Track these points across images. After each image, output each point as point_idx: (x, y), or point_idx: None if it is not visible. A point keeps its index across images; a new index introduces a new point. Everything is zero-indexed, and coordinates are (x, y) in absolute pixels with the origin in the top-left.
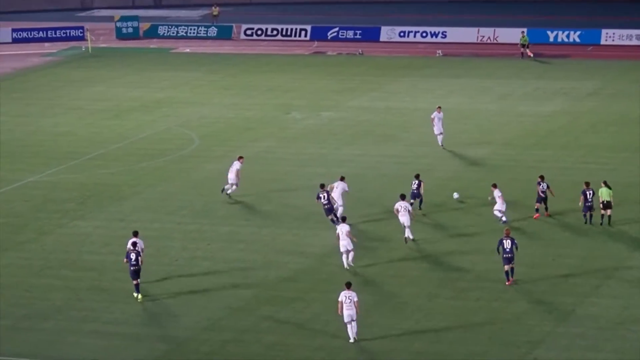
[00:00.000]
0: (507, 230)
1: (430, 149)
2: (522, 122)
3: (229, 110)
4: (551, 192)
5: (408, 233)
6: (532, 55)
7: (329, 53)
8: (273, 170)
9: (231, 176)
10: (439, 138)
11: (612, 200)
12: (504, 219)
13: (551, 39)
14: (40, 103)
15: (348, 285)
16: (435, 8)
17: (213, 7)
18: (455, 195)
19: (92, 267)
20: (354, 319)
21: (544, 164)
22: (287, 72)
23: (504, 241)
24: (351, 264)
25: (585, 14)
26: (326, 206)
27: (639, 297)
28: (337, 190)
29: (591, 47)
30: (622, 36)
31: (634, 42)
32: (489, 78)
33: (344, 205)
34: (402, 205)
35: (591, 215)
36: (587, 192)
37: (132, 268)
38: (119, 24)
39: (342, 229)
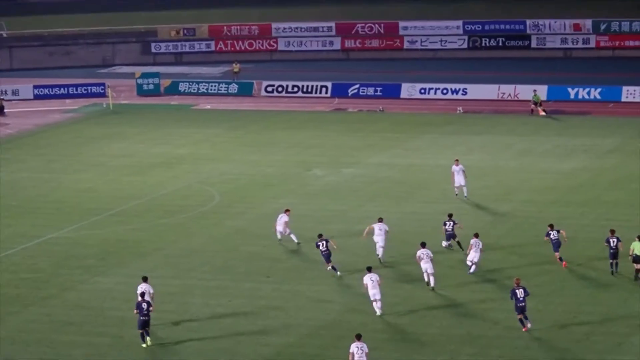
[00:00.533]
0: (517, 279)
1: (451, 205)
2: (543, 178)
3: (250, 167)
4: (564, 237)
5: (432, 281)
6: (544, 113)
7: (350, 110)
8: (294, 226)
9: (279, 229)
10: (456, 189)
11: None
12: (472, 269)
13: (572, 96)
14: (62, 159)
15: (358, 337)
16: (455, 65)
17: (234, 64)
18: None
19: (113, 323)
20: None
21: (565, 220)
22: (308, 128)
23: (517, 291)
24: (379, 311)
25: (606, 71)
26: (324, 253)
27: None
28: (381, 231)
29: (612, 104)
30: None
31: None
32: (509, 135)
33: (384, 247)
34: (424, 253)
35: (616, 264)
36: (611, 240)
37: (142, 318)
38: (140, 81)
39: (372, 277)
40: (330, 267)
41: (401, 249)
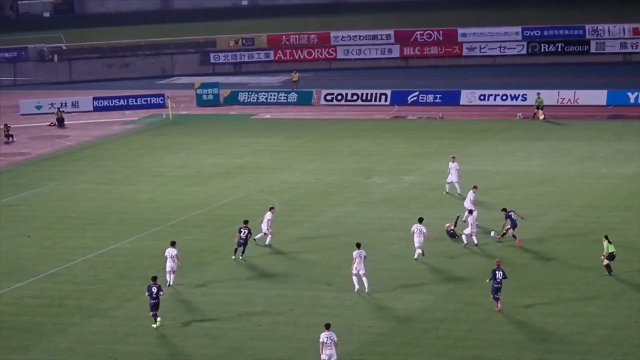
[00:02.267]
0: (497, 261)
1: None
2: (604, 184)
3: (310, 176)
4: (520, 216)
5: (418, 253)
6: (544, 117)
7: (409, 117)
8: (354, 234)
9: (263, 226)
10: (448, 186)
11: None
12: (477, 241)
13: (632, 100)
14: (122, 170)
15: (327, 327)
16: (514, 71)
17: (293, 73)
18: (492, 233)
19: (174, 334)
20: (335, 358)
21: (626, 225)
22: (368, 136)
23: (497, 272)
24: (365, 290)
25: None
26: (241, 240)
27: None
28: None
29: None
30: None
31: None
32: (569, 140)
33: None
34: (418, 228)
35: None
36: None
37: (152, 301)
38: (199, 91)
39: (361, 254)
40: (240, 255)
41: (466, 264)
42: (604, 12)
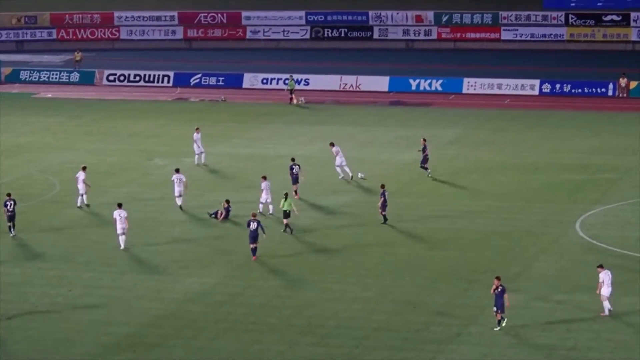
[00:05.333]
0: (253, 213)
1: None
2: (384, 169)
3: (91, 156)
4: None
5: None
6: (296, 101)
7: (192, 99)
8: (135, 217)
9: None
10: (197, 157)
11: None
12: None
13: (413, 87)
14: None
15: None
16: (298, 55)
17: (75, 53)
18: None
19: None
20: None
21: (405, 211)
22: (150, 118)
23: (251, 223)
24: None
25: (447, 62)
26: (9, 213)
27: (499, 344)
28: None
29: (453, 96)
30: (484, 85)
31: (495, 90)
32: (351, 125)
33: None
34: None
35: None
36: (386, 193)
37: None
38: None
39: (121, 213)
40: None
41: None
42: None
